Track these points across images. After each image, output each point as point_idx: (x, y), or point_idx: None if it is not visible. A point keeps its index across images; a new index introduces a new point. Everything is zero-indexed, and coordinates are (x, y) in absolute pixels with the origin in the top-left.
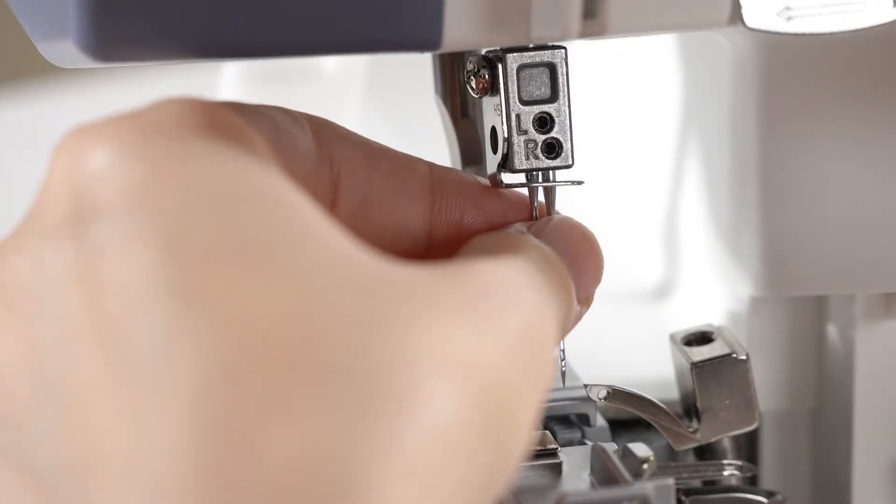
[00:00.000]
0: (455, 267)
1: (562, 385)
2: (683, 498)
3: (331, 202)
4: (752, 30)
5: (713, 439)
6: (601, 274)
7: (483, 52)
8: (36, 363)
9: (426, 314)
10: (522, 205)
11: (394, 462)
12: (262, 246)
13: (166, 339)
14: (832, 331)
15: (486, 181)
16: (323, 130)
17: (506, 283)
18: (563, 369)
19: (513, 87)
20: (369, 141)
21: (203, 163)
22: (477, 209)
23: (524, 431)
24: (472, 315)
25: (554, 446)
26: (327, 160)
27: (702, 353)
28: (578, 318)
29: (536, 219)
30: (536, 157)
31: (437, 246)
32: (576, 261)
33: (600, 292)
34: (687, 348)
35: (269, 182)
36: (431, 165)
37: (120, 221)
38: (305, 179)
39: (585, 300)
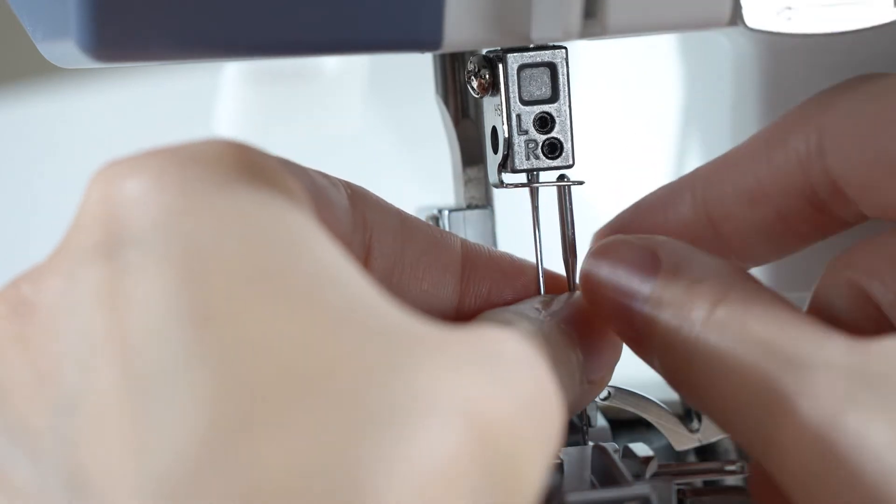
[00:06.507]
0: (470, 329)
1: None
2: (684, 498)
3: (363, 266)
4: (752, 30)
5: (714, 439)
6: (613, 361)
7: (483, 52)
8: (58, 378)
9: (437, 362)
10: (552, 282)
11: (392, 484)
12: (285, 277)
13: (182, 357)
14: None
15: (518, 257)
16: (358, 195)
17: (518, 351)
18: None
19: (513, 87)
20: (403, 211)
21: (236, 195)
22: (506, 285)
23: (532, 487)
24: (483, 371)
25: None
26: (361, 224)
27: None
28: (588, 397)
29: (564, 224)
30: (537, 157)
31: (465, 319)
32: (586, 345)
33: None
34: None
35: (300, 222)
36: (464, 241)
37: (150, 246)
38: (340, 238)
39: (600, 381)
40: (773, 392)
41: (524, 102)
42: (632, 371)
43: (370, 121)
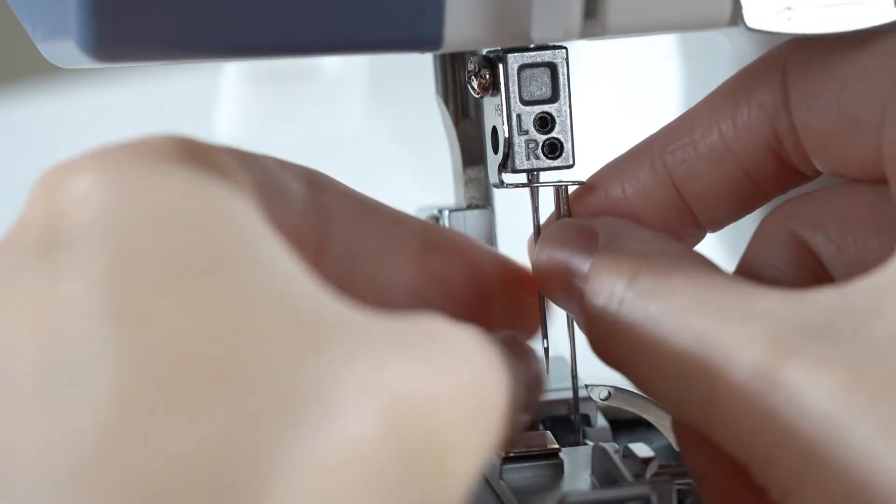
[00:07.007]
0: (407, 316)
1: (546, 372)
2: (684, 498)
3: (317, 251)
4: (752, 30)
5: None
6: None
7: (484, 52)
8: None
9: (359, 348)
10: (513, 267)
11: (297, 473)
12: (208, 266)
13: (96, 352)
14: None
15: (479, 240)
16: (318, 182)
17: (456, 339)
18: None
19: (514, 87)
20: (365, 196)
21: (171, 186)
22: (467, 268)
23: (458, 478)
24: (410, 357)
25: (555, 447)
26: (320, 210)
27: None
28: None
29: (562, 214)
30: (537, 158)
31: (425, 304)
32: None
33: None
34: None
35: (237, 208)
36: (425, 224)
37: (83, 246)
38: (289, 225)
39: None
40: (707, 353)
41: (524, 102)
42: None
43: (370, 121)
